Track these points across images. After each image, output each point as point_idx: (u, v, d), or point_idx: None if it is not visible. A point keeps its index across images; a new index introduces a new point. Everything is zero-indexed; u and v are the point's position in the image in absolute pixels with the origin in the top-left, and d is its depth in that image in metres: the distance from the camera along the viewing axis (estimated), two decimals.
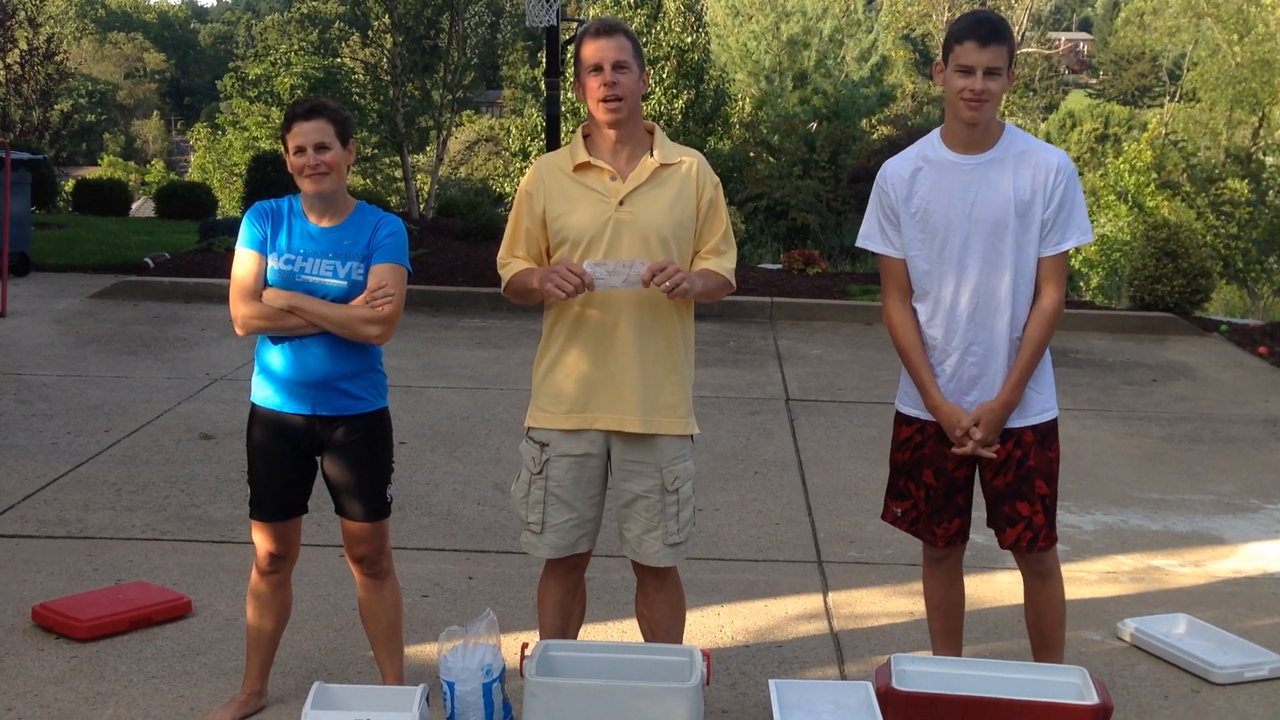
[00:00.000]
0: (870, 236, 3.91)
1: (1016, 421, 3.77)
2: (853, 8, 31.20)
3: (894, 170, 3.85)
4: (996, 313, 3.73)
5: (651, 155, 3.65)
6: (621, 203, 3.60)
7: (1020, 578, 4.00)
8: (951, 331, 3.77)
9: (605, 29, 3.60)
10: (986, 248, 3.70)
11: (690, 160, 3.70)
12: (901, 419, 3.98)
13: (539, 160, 3.80)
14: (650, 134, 3.72)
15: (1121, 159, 27.10)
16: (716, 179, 3.75)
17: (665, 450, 3.67)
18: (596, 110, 3.59)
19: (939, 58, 3.83)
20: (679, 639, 3.91)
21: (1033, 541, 3.81)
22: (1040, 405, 3.81)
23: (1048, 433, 3.83)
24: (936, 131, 3.86)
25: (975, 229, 3.70)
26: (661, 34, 24.49)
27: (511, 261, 3.73)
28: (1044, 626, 3.97)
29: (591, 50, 3.57)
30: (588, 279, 3.48)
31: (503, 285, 3.77)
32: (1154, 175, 23.16)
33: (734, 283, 3.77)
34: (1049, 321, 3.75)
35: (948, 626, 4.10)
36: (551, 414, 3.69)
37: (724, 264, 3.71)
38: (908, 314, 3.85)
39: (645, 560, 3.75)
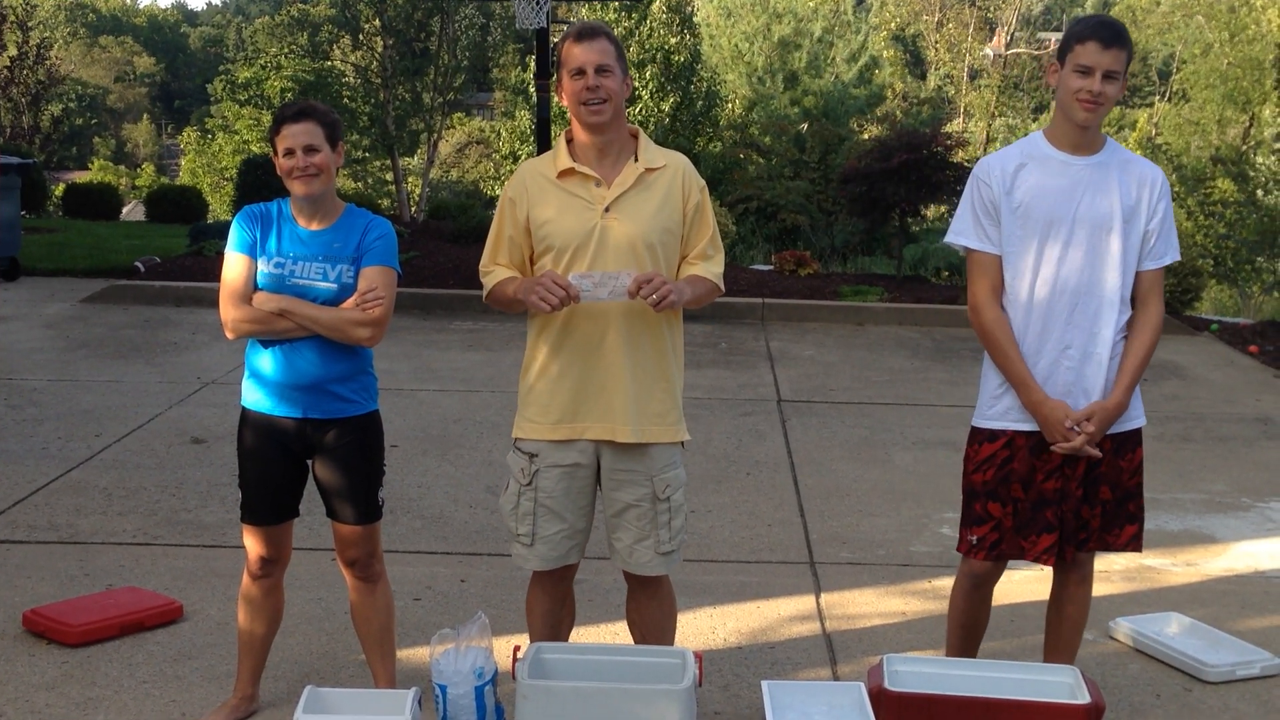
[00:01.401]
0: (963, 232, 3.80)
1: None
2: (843, 9, 31.20)
3: (997, 163, 3.77)
4: (1098, 315, 3.68)
5: (636, 160, 3.62)
6: (607, 209, 3.56)
7: (1014, 579, 4.00)
8: (1048, 331, 3.70)
9: (588, 32, 3.56)
10: (1092, 248, 3.66)
11: (676, 164, 3.66)
12: (984, 435, 3.81)
13: (522, 166, 3.75)
14: (635, 138, 3.68)
15: None
16: (702, 182, 3.72)
17: (656, 458, 3.64)
18: (579, 114, 3.55)
19: (1051, 57, 3.78)
20: (670, 644, 3.90)
21: (1085, 542, 3.79)
22: (1126, 415, 3.75)
23: (1125, 442, 3.77)
24: (1039, 133, 3.82)
25: (1080, 227, 3.66)
26: (646, 36, 24.49)
27: (494, 270, 3.68)
28: (1070, 629, 3.95)
29: (574, 54, 3.53)
30: (573, 291, 3.43)
31: (484, 294, 3.72)
32: None
33: (722, 286, 3.73)
34: (1156, 332, 3.73)
35: (968, 645, 4.05)
36: (540, 425, 3.65)
37: (711, 268, 3.68)
38: (999, 310, 3.75)
39: (637, 570, 3.72)
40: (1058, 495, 3.74)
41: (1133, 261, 3.70)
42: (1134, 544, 3.83)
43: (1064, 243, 3.67)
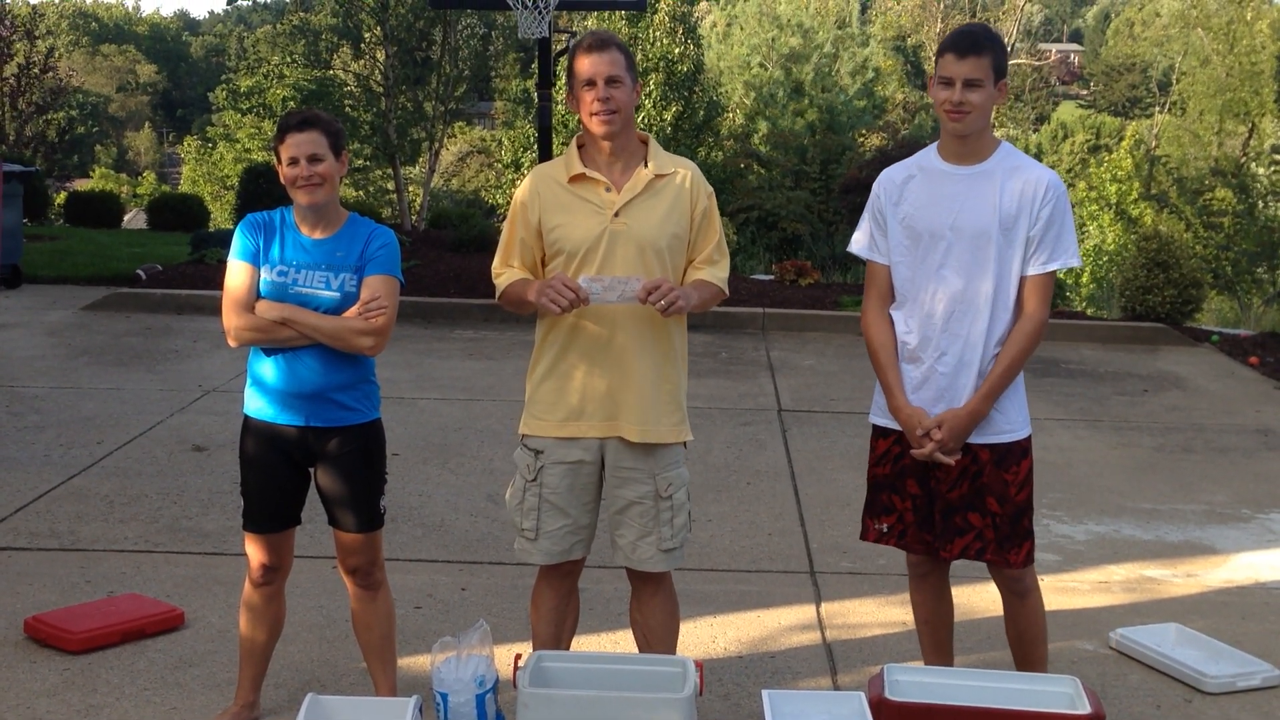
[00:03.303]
0: (859, 241, 3.94)
1: (974, 438, 3.74)
2: (847, 21, 31.26)
3: (887, 177, 3.88)
4: (972, 322, 3.72)
5: (646, 166, 3.68)
6: (617, 214, 3.62)
7: None
8: (926, 338, 3.77)
9: (599, 43, 3.62)
10: (967, 257, 3.71)
11: (684, 171, 3.72)
12: (878, 432, 3.94)
13: (534, 170, 3.82)
14: (644, 144, 3.74)
15: (1104, 168, 27.15)
16: (710, 189, 3.77)
17: (659, 457, 3.70)
18: (590, 124, 3.62)
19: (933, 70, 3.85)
20: (674, 646, 3.91)
21: (981, 552, 3.80)
22: (1000, 425, 3.75)
23: (1006, 454, 3.77)
24: (935, 144, 3.89)
25: (958, 238, 3.72)
26: (649, 45, 24.51)
27: (506, 271, 3.75)
28: (1024, 644, 3.99)
29: (585, 65, 3.59)
30: (583, 294, 3.50)
31: (497, 294, 3.79)
32: (1136, 184, 23.23)
33: (727, 291, 3.79)
34: (1028, 339, 3.72)
35: (938, 640, 4.10)
36: (546, 422, 3.72)
37: (717, 273, 3.74)
38: (883, 318, 3.86)
39: (639, 566, 3.76)
40: (946, 493, 3.81)
41: (1012, 269, 3.72)
42: (1028, 559, 3.86)
43: (942, 253, 3.74)
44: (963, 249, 3.71)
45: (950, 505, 3.80)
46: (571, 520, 3.74)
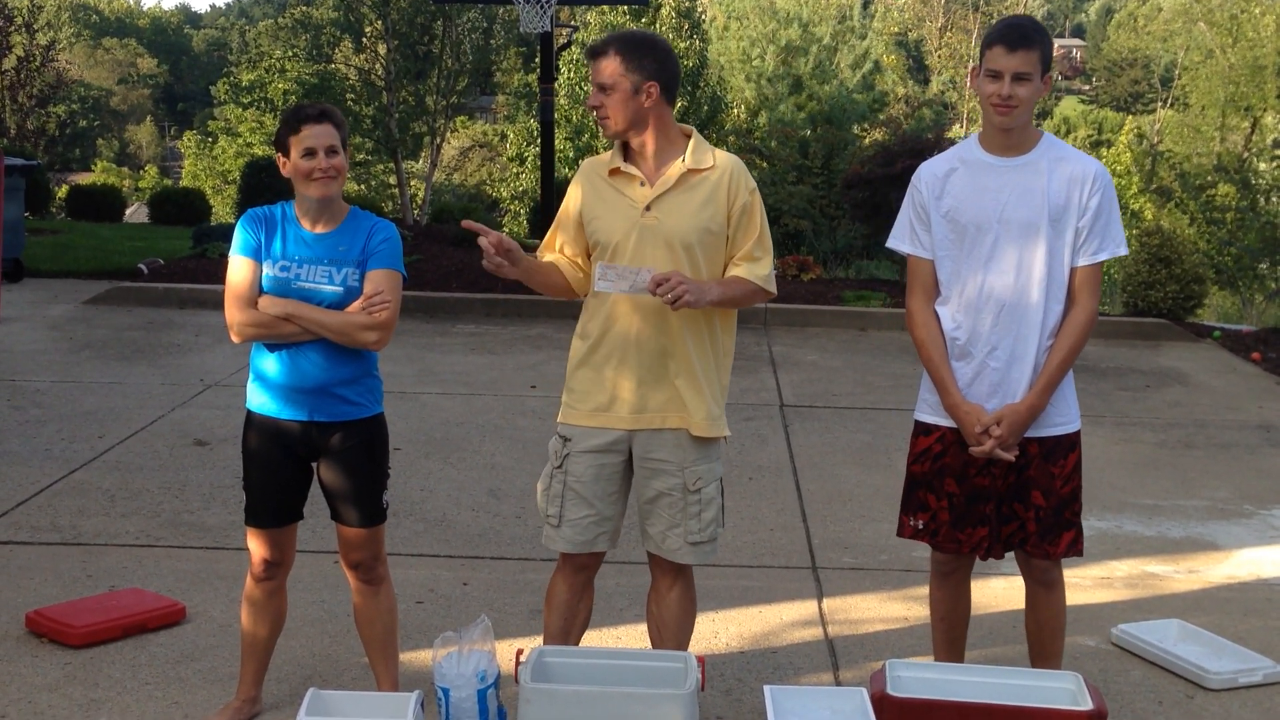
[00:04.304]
0: (900, 237, 3.89)
1: (1027, 431, 3.74)
2: (848, 14, 31.22)
3: (928, 170, 3.84)
4: (1024, 317, 3.69)
5: (683, 161, 3.69)
6: (648, 208, 3.65)
7: (1016, 584, 4.00)
8: (976, 334, 3.73)
9: (592, 52, 3.71)
10: (1017, 250, 3.68)
11: (725, 165, 3.71)
12: (921, 428, 3.90)
13: (585, 162, 3.91)
14: (687, 138, 3.75)
15: (1103, 162, 27.15)
16: (753, 185, 3.75)
17: (689, 451, 3.71)
18: (600, 126, 3.73)
19: (974, 62, 3.83)
20: (687, 641, 3.92)
21: (1023, 542, 3.81)
22: (1052, 419, 3.75)
23: (1055, 448, 3.77)
24: (975, 135, 3.85)
25: (1005, 230, 3.68)
26: None
27: (543, 254, 3.88)
28: (1044, 636, 3.97)
29: (591, 73, 3.70)
30: (493, 254, 3.62)
31: None
32: (1136, 179, 23.20)
33: (771, 289, 3.76)
34: (1083, 331, 3.71)
35: (952, 637, 4.08)
36: (577, 410, 3.75)
37: (756, 270, 3.71)
38: (930, 314, 3.82)
39: (669, 556, 3.78)
40: (988, 491, 3.79)
41: (1063, 261, 3.70)
42: (1074, 549, 3.85)
43: (991, 245, 3.71)
44: (1011, 241, 3.68)
45: (1000, 496, 3.78)
46: (595, 511, 3.75)
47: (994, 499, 3.80)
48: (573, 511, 3.75)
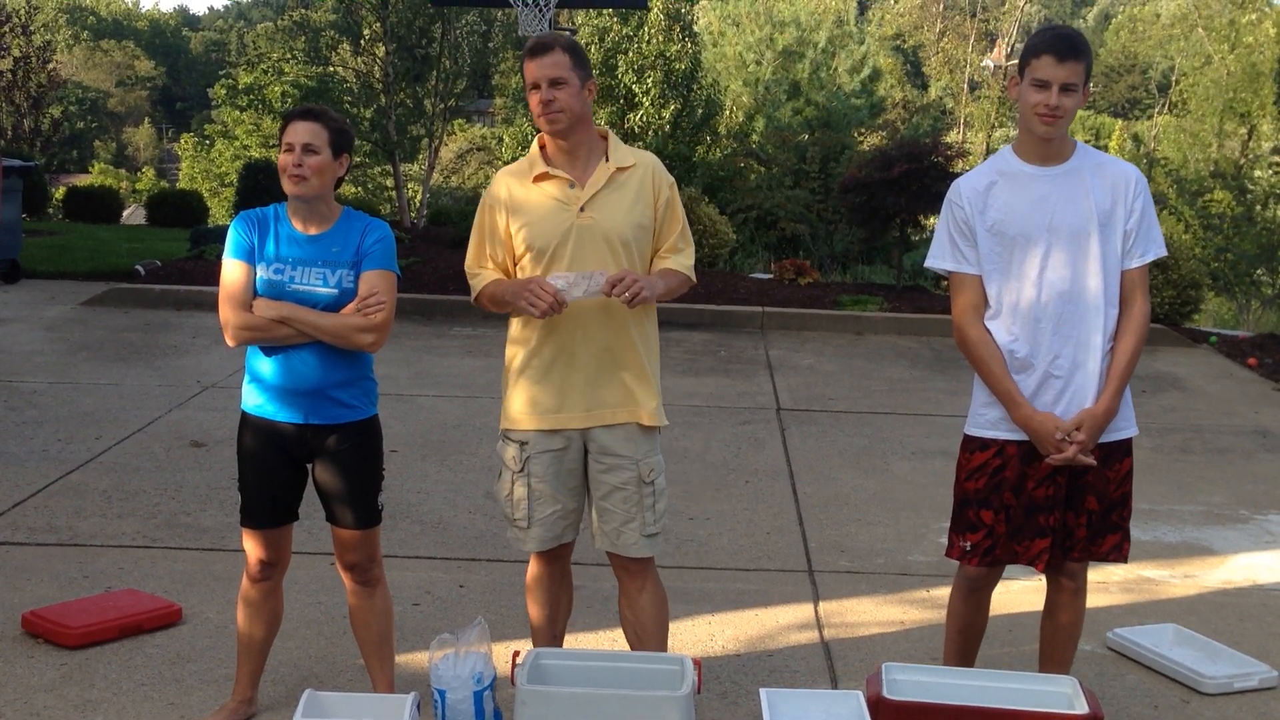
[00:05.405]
0: (941, 255, 3.84)
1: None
2: (845, 19, 31.24)
3: (967, 185, 3.81)
4: (1084, 323, 3.68)
5: (607, 160, 3.76)
6: (582, 209, 3.70)
7: (1013, 589, 4.00)
8: (1036, 344, 3.71)
9: (539, 48, 3.70)
10: (1069, 257, 3.67)
11: (645, 163, 3.81)
12: (976, 443, 3.84)
13: (500, 172, 3.91)
14: (605, 140, 3.82)
15: None
16: (671, 179, 3.86)
17: (640, 444, 3.78)
18: (540, 124, 3.73)
19: (1014, 70, 3.82)
20: (664, 640, 3.93)
21: (1069, 550, 3.80)
22: (1116, 424, 3.75)
23: (1112, 452, 3.76)
24: (1008, 147, 3.84)
25: (1056, 239, 3.68)
26: (644, 43, 24.47)
27: (481, 272, 3.84)
28: (1059, 642, 3.96)
29: (529, 69, 3.69)
30: (560, 296, 3.57)
31: (473, 295, 3.86)
32: None
33: (694, 278, 3.87)
34: (1144, 331, 3.73)
35: (967, 649, 4.06)
36: (529, 415, 3.78)
37: (683, 261, 3.84)
38: (984, 329, 3.78)
39: (625, 551, 3.81)
40: (1050, 502, 3.76)
41: (1115, 264, 3.71)
42: (1115, 553, 3.84)
43: (1043, 255, 3.70)
44: (1062, 249, 3.67)
45: (1063, 508, 3.76)
46: (561, 505, 3.81)
47: (1057, 509, 3.76)
48: (540, 510, 3.80)
